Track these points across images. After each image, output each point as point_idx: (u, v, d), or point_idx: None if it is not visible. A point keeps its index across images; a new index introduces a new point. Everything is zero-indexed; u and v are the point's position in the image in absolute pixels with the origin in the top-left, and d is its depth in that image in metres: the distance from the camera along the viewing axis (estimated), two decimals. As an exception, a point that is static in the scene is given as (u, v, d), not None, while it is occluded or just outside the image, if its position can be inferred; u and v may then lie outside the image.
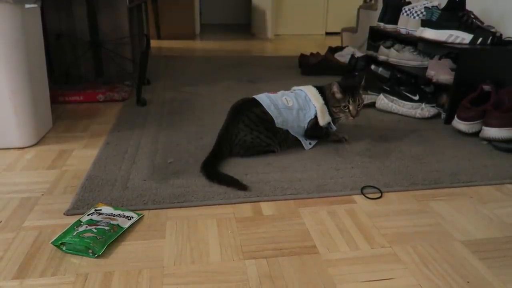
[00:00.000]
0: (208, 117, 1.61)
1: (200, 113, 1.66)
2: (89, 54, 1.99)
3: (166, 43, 3.64)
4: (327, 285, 0.74)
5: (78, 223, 0.86)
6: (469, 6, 1.66)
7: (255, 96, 1.26)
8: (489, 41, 1.57)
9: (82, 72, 2.02)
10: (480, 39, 1.57)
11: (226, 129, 1.24)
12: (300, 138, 1.31)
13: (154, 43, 3.57)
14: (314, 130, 1.30)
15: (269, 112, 1.22)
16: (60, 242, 0.81)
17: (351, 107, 1.27)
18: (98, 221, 0.87)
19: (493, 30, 1.60)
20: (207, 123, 1.53)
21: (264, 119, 1.22)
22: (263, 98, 1.25)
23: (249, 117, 1.21)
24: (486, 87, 1.44)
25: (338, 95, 1.27)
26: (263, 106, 1.22)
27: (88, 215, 0.90)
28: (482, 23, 1.63)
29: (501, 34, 1.61)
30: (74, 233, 0.82)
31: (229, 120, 1.25)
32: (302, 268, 0.78)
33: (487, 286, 0.74)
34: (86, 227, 0.85)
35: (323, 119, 1.29)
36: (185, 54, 3.09)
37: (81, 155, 1.25)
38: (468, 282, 0.75)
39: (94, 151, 1.27)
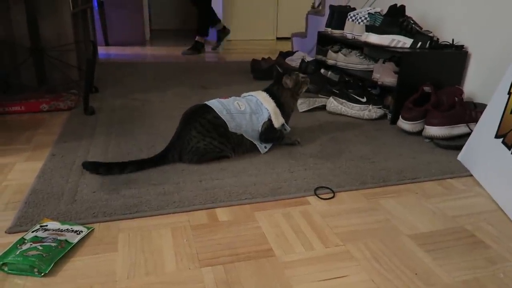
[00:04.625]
0: (160, 125, 1.58)
1: (151, 121, 1.63)
2: (30, 62, 1.89)
3: (114, 50, 3.53)
4: (284, 286, 0.75)
5: (22, 241, 0.81)
6: (408, 12, 1.76)
7: (206, 102, 1.26)
8: (427, 45, 1.67)
9: (23, 81, 1.91)
10: (419, 43, 1.67)
11: (178, 136, 1.22)
12: (256, 142, 1.32)
13: (101, 49, 3.45)
14: (269, 133, 1.32)
15: (222, 117, 1.22)
16: (1, 262, 0.76)
17: (301, 75, 1.37)
18: (43, 238, 0.82)
19: (430, 34, 1.71)
20: (159, 131, 1.51)
21: (217, 124, 1.22)
22: (215, 103, 1.25)
23: (202, 124, 1.21)
24: (426, 88, 1.53)
25: (291, 82, 1.34)
26: (215, 112, 1.22)
27: (32, 232, 0.85)
28: (421, 28, 1.73)
29: (437, 38, 1.72)
30: (17, 252, 0.77)
31: (181, 127, 1.23)
32: (259, 271, 0.79)
33: (433, 276, 0.79)
34: (31, 244, 0.80)
35: (277, 121, 1.31)
36: (135, 61, 3.02)
37: (24, 169, 1.18)
38: (416, 274, 0.79)
39: (39, 164, 1.21)
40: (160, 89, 2.14)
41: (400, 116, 1.56)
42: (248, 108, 1.28)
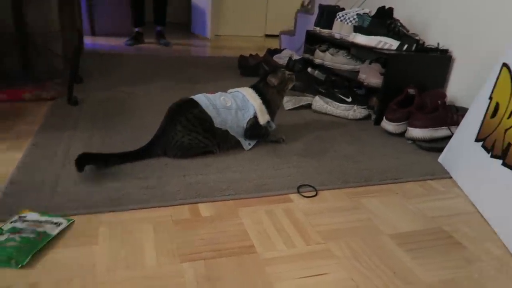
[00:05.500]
0: (145, 118, 1.56)
1: (136, 114, 1.61)
2: (14, 49, 1.84)
3: (100, 40, 3.47)
4: (264, 284, 0.75)
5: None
6: (396, 14, 1.78)
7: (193, 97, 1.25)
8: (413, 47, 1.69)
9: (6, 68, 1.87)
10: (406, 46, 1.69)
11: (163, 130, 1.21)
12: (240, 139, 1.32)
13: (87, 39, 3.39)
14: (254, 129, 1.32)
15: (208, 112, 1.22)
16: (-22, 253, 0.74)
17: (287, 72, 1.38)
18: (22, 229, 0.81)
19: (417, 37, 1.73)
20: (144, 124, 1.49)
21: (202, 119, 1.21)
22: (201, 98, 1.24)
23: (187, 118, 1.20)
24: (411, 91, 1.56)
25: (277, 80, 1.34)
26: (201, 106, 1.22)
27: (10, 222, 0.83)
28: (408, 31, 1.75)
29: (423, 42, 1.74)
30: (-5, 243, 0.76)
31: (166, 122, 1.22)
32: (240, 268, 0.79)
33: (411, 275, 0.80)
34: (9, 235, 0.78)
35: (263, 118, 1.31)
36: (121, 52, 2.98)
37: (4, 158, 1.16)
38: (394, 272, 0.81)
39: (19, 154, 1.18)
40: (146, 82, 2.12)
41: (384, 117, 1.58)
42: (234, 104, 1.28)
